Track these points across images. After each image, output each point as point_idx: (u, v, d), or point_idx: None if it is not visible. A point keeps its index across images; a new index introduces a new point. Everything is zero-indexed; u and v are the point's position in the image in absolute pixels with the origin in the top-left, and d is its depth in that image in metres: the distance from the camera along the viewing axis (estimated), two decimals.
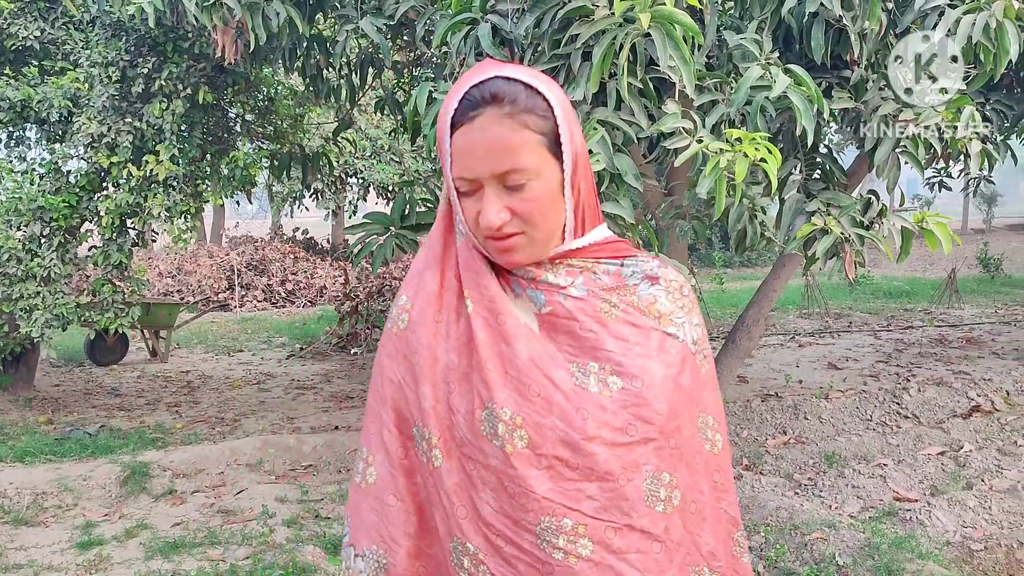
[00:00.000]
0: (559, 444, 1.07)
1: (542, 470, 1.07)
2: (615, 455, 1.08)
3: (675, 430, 1.12)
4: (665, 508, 1.11)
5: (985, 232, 23.92)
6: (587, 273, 1.15)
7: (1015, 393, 6.12)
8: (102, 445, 5.38)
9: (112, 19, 5.44)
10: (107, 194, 5.73)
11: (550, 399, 1.08)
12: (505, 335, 1.09)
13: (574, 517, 1.06)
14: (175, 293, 13.19)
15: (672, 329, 1.16)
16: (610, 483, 1.07)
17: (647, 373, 1.11)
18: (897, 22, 3.39)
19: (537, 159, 1.06)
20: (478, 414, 1.09)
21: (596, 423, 1.07)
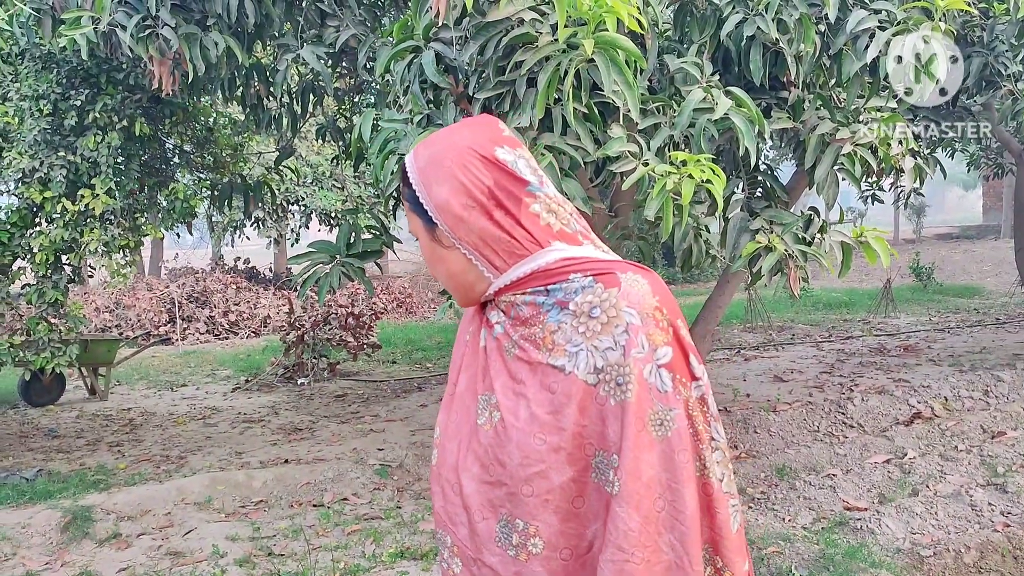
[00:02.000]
0: (450, 469, 1.20)
1: (439, 487, 1.21)
2: (478, 491, 1.15)
3: (533, 477, 1.09)
4: (518, 554, 1.11)
5: (916, 242, 24.71)
6: (513, 307, 1.19)
7: (953, 399, 6.30)
8: (40, 490, 5.18)
9: (42, 51, 5.30)
10: (40, 230, 5.56)
11: (459, 427, 1.20)
12: (463, 365, 1.25)
13: (452, 537, 1.19)
14: (113, 328, 12.82)
15: (560, 361, 1.12)
16: (471, 515, 1.16)
17: (513, 415, 1.13)
18: (830, 44, 3.50)
19: (412, 223, 1.25)
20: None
21: (472, 457, 1.17)
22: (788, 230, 3.60)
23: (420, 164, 1.20)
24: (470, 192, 1.15)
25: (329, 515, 4.73)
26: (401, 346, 11.29)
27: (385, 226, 4.56)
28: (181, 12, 4.21)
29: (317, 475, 5.30)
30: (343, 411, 7.59)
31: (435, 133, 1.25)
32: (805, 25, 3.28)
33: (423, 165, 1.20)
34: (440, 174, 1.17)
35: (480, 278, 1.21)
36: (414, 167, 1.21)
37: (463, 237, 1.18)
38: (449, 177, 1.16)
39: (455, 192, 1.16)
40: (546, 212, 1.18)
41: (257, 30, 4.55)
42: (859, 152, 3.50)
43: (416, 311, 15.16)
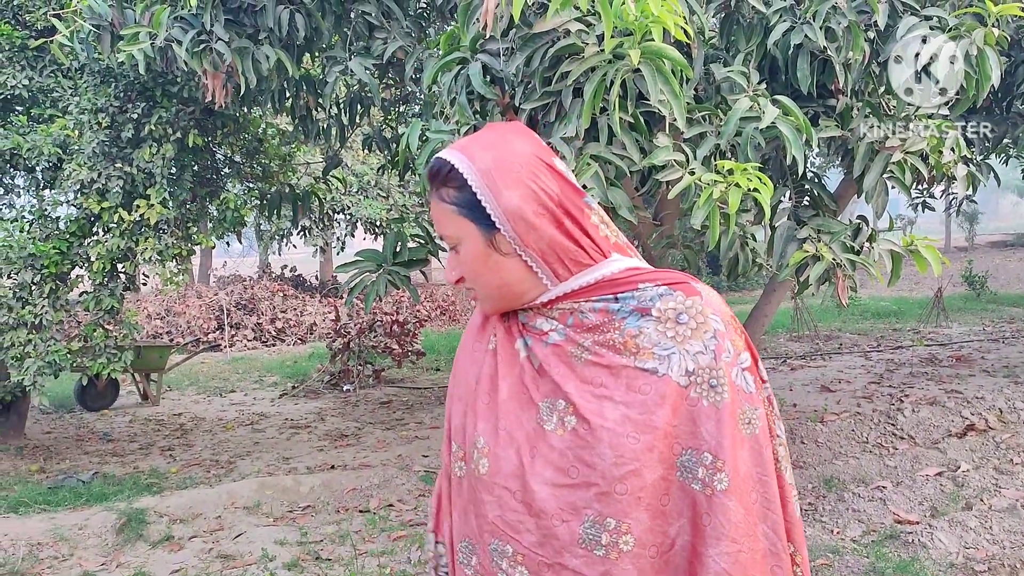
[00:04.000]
0: (510, 477, 1.17)
1: (494, 497, 1.18)
2: (554, 495, 1.14)
3: (628, 475, 1.11)
4: (607, 553, 1.12)
5: (968, 250, 24.16)
6: (575, 315, 1.20)
7: (1008, 411, 6.15)
8: (96, 492, 5.32)
9: (101, 66, 5.47)
10: (97, 239, 5.72)
11: (512, 434, 1.18)
12: (499, 373, 1.23)
13: (514, 545, 1.16)
14: (164, 335, 13.10)
15: (650, 364, 1.14)
16: (544, 521, 1.14)
17: (599, 417, 1.13)
18: (880, 51, 3.46)
19: (454, 226, 1.20)
20: (472, 438, 1.24)
21: (543, 461, 1.15)
22: (836, 239, 3.56)
23: (482, 167, 1.16)
24: (541, 200, 1.17)
25: (375, 521, 4.79)
26: (445, 353, 11.36)
27: (430, 235, 4.62)
28: (234, 27, 4.31)
29: (363, 481, 5.37)
30: (388, 418, 7.67)
31: (477, 138, 1.21)
32: (854, 33, 3.25)
33: (487, 168, 1.16)
34: (510, 180, 1.16)
35: (536, 286, 1.20)
36: (473, 170, 1.16)
37: (531, 244, 1.17)
38: (520, 183, 1.16)
39: (526, 199, 1.16)
40: (602, 223, 1.22)
41: (307, 43, 4.64)
42: (909, 160, 3.45)
43: (459, 319, 15.24)
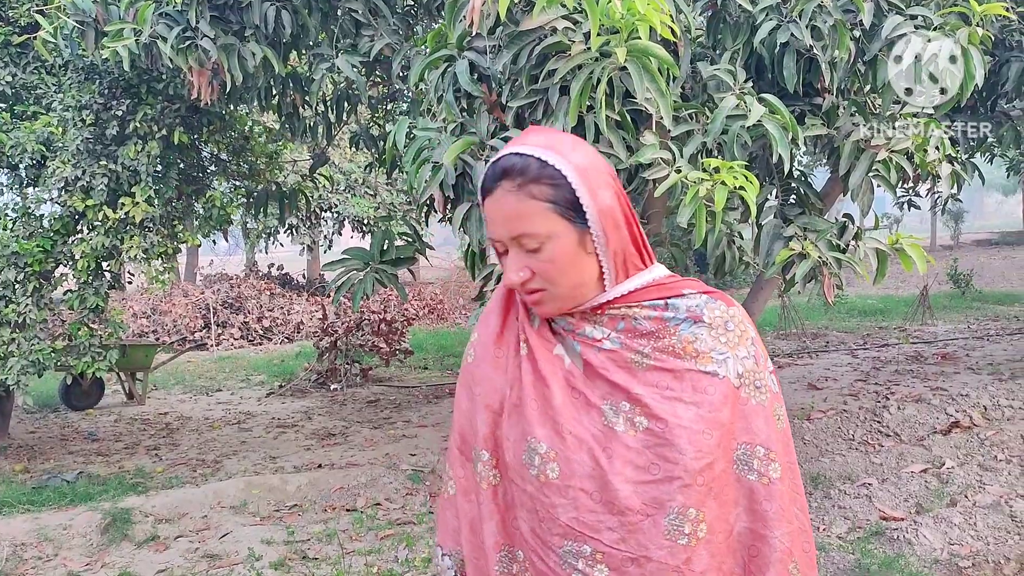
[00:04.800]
0: (586, 478, 1.19)
1: (568, 500, 1.19)
2: (636, 492, 1.18)
3: (705, 468, 1.20)
4: (689, 541, 1.19)
5: (953, 248, 24.32)
6: (628, 320, 1.24)
7: (992, 408, 6.19)
8: (81, 492, 5.28)
9: (85, 63, 5.43)
10: (82, 237, 5.68)
11: (580, 438, 1.20)
12: (544, 378, 1.23)
13: (593, 544, 1.18)
14: (150, 334, 13.02)
15: (711, 367, 1.22)
16: (629, 517, 1.18)
17: (674, 416, 1.20)
18: (865, 50, 3.48)
19: (546, 224, 1.18)
20: (522, 444, 1.22)
21: (621, 461, 1.18)
22: (822, 237, 3.57)
23: (580, 165, 1.19)
24: (620, 202, 1.22)
25: (362, 520, 4.78)
26: (433, 352, 11.35)
27: (418, 233, 4.61)
28: (220, 24, 4.29)
29: (350, 480, 5.35)
30: (376, 416, 7.65)
31: (550, 137, 1.21)
32: (840, 31, 3.26)
33: (584, 167, 1.19)
34: (601, 180, 1.20)
35: (596, 288, 1.24)
36: (572, 168, 1.18)
37: (612, 245, 1.22)
38: (608, 184, 1.21)
39: (614, 200, 1.21)
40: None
41: (293, 40, 4.62)
42: (894, 158, 3.47)
43: (447, 317, 15.23)
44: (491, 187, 1.19)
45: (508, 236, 1.19)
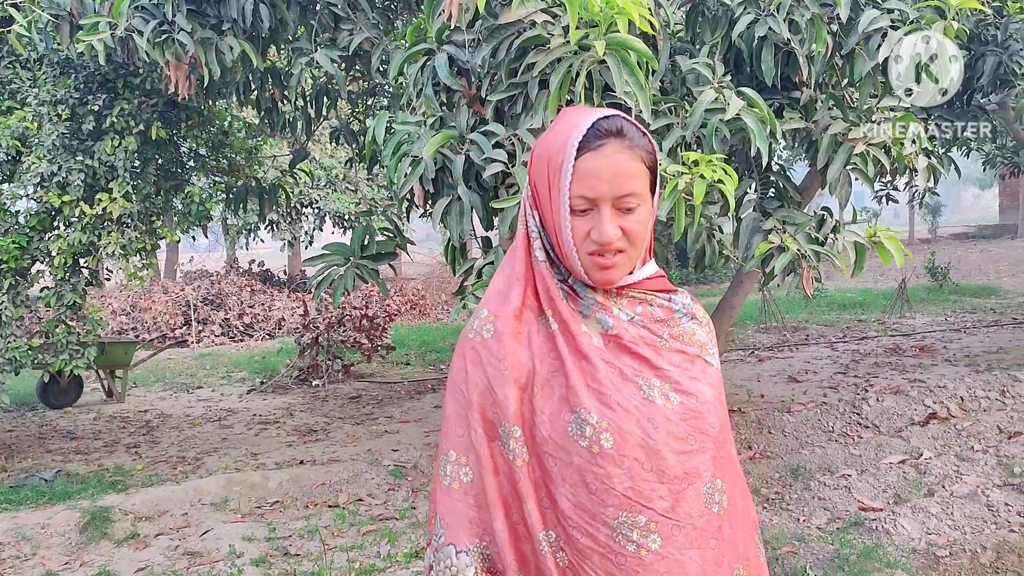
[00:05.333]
0: (637, 447, 1.22)
1: (624, 470, 1.21)
2: (680, 461, 1.24)
3: (724, 442, 1.30)
4: (719, 511, 1.27)
5: (931, 242, 24.54)
6: (644, 305, 1.32)
7: (969, 399, 6.26)
8: (59, 491, 5.24)
9: (60, 57, 5.37)
10: (59, 233, 5.62)
11: (627, 408, 1.23)
12: (583, 352, 1.25)
13: (647, 514, 1.21)
14: (130, 331, 12.92)
15: (708, 358, 1.34)
16: (677, 486, 1.23)
17: (699, 392, 1.28)
18: (843, 44, 3.50)
19: (644, 188, 1.25)
20: (566, 416, 1.23)
21: (664, 432, 1.24)
22: (801, 230, 3.60)
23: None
24: None
25: (344, 516, 4.76)
26: (415, 348, 11.32)
27: (399, 228, 4.59)
28: (197, 17, 4.25)
29: (332, 476, 5.33)
30: (357, 412, 7.63)
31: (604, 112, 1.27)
32: (817, 25, 3.28)
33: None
34: None
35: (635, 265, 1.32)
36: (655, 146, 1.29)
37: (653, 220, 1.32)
38: None
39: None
40: None
41: (272, 34, 4.59)
42: (872, 152, 3.49)
43: (429, 313, 15.20)
44: (598, 144, 1.21)
45: (614, 193, 1.22)
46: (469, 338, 1.31)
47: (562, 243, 1.26)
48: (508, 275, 1.32)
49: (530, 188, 1.30)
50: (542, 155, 1.27)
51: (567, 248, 1.25)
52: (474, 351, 1.30)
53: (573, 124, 1.24)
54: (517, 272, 1.31)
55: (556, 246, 1.28)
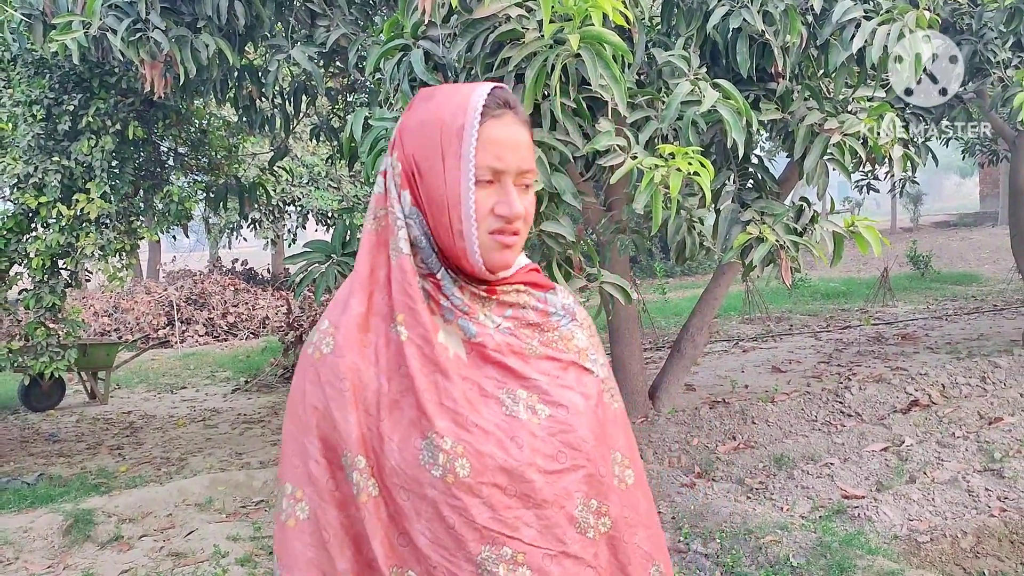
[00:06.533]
0: (498, 472, 1.08)
1: (483, 499, 1.07)
2: (548, 482, 1.10)
3: (601, 457, 1.17)
4: (594, 535, 1.14)
5: (913, 230, 24.72)
6: (516, 308, 1.18)
7: (950, 386, 6.32)
8: (42, 494, 5.20)
9: (34, 57, 5.31)
10: (36, 235, 5.57)
11: (486, 428, 1.09)
12: (440, 365, 1.09)
13: (513, 545, 1.07)
14: (112, 332, 12.84)
15: (588, 364, 1.21)
16: (545, 510, 1.10)
17: (571, 402, 1.15)
18: (817, 35, 3.51)
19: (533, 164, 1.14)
20: (416, 443, 1.07)
21: (530, 450, 1.10)
22: (779, 220, 3.61)
23: None
24: None
25: None
26: None
27: None
28: (171, 15, 4.22)
29: None
30: None
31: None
32: (791, 16, 3.29)
33: None
34: None
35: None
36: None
37: None
38: None
39: None
40: None
41: (248, 31, 4.56)
42: (848, 142, 3.51)
43: None
44: (498, 112, 1.10)
45: (519, 166, 1.10)
46: (308, 353, 1.13)
47: (457, 219, 1.09)
48: (351, 280, 1.14)
49: (402, 166, 1.12)
50: (428, 122, 1.10)
51: (466, 225, 1.09)
52: (313, 368, 1.12)
53: (463, 92, 1.11)
54: (361, 275, 1.13)
55: (440, 228, 1.11)
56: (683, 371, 6.30)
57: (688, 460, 5.23)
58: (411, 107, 1.15)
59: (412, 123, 1.13)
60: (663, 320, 11.66)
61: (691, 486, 4.63)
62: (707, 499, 4.43)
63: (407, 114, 1.15)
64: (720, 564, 3.67)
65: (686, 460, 5.27)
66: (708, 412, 5.95)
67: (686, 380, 6.80)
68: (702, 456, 5.29)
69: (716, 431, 5.74)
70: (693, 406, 6.29)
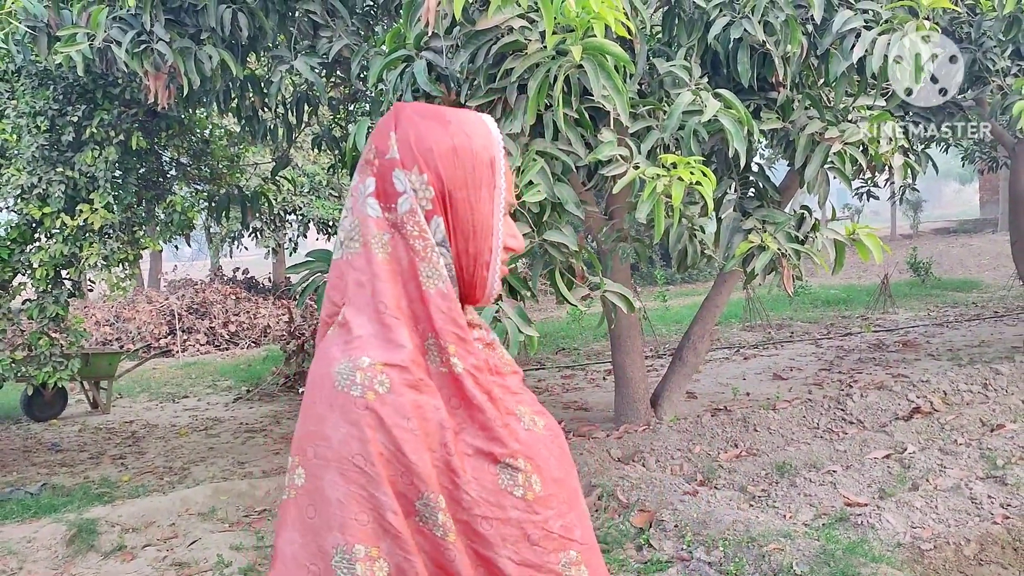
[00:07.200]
0: (552, 482, 1.12)
1: (554, 509, 1.11)
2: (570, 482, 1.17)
3: None
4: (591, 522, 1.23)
5: (913, 237, 24.74)
6: (477, 328, 1.15)
7: (952, 393, 6.32)
8: (45, 504, 5.20)
9: (39, 68, 5.34)
10: (40, 245, 5.59)
11: (530, 442, 1.12)
12: (491, 392, 1.10)
13: (575, 547, 1.12)
14: (114, 341, 12.85)
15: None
16: (578, 509, 1.17)
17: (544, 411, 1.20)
18: (817, 44, 3.53)
19: None
20: (491, 469, 1.07)
21: (555, 458, 1.15)
22: (780, 229, 3.63)
23: None
24: None
25: None
26: None
27: None
28: (175, 27, 4.25)
29: None
30: None
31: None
32: (791, 26, 3.31)
33: None
34: None
35: None
36: None
37: None
38: None
39: None
40: None
41: (251, 42, 4.59)
42: (848, 151, 3.53)
43: None
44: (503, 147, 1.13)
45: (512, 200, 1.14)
46: (353, 396, 1.02)
47: (488, 251, 1.10)
48: (377, 311, 1.06)
49: (435, 191, 1.07)
50: (462, 149, 1.08)
51: (494, 257, 1.11)
52: (369, 412, 1.02)
53: (475, 121, 1.11)
54: (390, 307, 1.06)
55: (465, 257, 1.10)
56: (685, 379, 6.31)
57: (690, 468, 5.23)
58: (413, 124, 1.09)
59: (442, 148, 1.07)
60: (664, 328, 11.67)
61: (694, 494, 4.63)
62: (710, 507, 4.43)
63: (425, 135, 1.08)
64: (723, 572, 3.67)
65: (688, 468, 5.27)
66: (710, 420, 5.95)
67: (688, 388, 6.81)
68: (704, 464, 5.30)
69: (718, 439, 5.74)
70: (695, 414, 6.29)
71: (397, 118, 1.10)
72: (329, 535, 1.02)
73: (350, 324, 1.07)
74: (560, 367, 9.53)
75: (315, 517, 1.03)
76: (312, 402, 1.07)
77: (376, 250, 1.07)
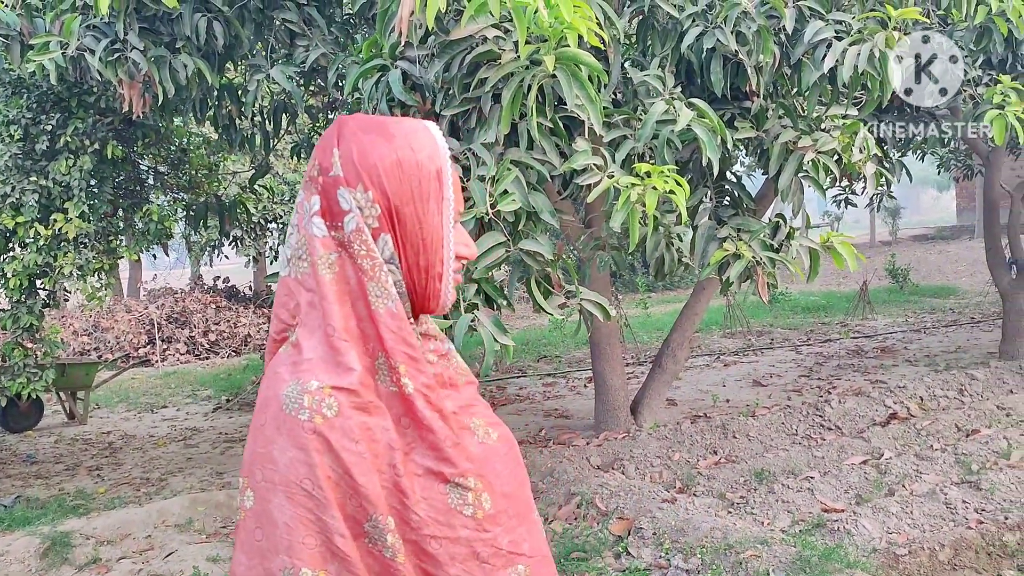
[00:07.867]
0: (502, 497, 1.12)
1: (502, 526, 1.11)
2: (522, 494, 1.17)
3: None
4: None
5: (892, 244, 24.96)
6: (432, 340, 1.14)
7: (928, 399, 6.38)
8: (19, 517, 5.14)
9: (12, 77, 5.31)
10: (13, 255, 5.54)
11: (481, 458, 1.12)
12: (442, 410, 1.09)
13: (523, 561, 1.12)
14: (92, 351, 12.73)
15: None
16: (528, 521, 1.17)
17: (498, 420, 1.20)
18: (789, 54, 3.57)
19: None
20: (440, 488, 1.07)
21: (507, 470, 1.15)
22: (755, 237, 3.65)
23: None
24: None
25: None
26: None
27: None
28: (149, 35, 4.23)
29: None
30: None
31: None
32: (763, 36, 3.34)
33: None
34: None
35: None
36: None
37: None
38: None
39: None
40: None
41: (227, 51, 4.57)
42: (822, 159, 3.56)
43: None
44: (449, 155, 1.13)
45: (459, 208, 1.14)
46: (300, 420, 1.01)
47: (439, 263, 1.09)
48: (326, 334, 1.05)
49: (381, 208, 1.05)
50: (407, 163, 1.06)
51: (446, 268, 1.09)
52: (316, 436, 1.00)
53: (421, 130, 1.09)
54: (337, 329, 1.04)
55: (416, 271, 1.08)
56: (665, 386, 6.33)
57: (669, 475, 5.24)
58: (356, 139, 1.06)
59: (387, 164, 1.05)
60: (645, 335, 11.70)
61: (672, 501, 4.64)
62: (688, 514, 4.44)
63: (368, 151, 1.06)
64: None
65: (667, 475, 5.28)
66: (690, 427, 5.97)
67: (668, 395, 6.83)
68: (683, 471, 5.31)
69: (697, 446, 5.75)
70: (675, 421, 6.30)
71: (340, 133, 1.08)
72: (276, 558, 1.01)
73: (301, 345, 1.06)
74: (541, 375, 9.53)
75: (263, 540, 1.03)
76: (261, 423, 1.05)
77: (323, 271, 1.06)
